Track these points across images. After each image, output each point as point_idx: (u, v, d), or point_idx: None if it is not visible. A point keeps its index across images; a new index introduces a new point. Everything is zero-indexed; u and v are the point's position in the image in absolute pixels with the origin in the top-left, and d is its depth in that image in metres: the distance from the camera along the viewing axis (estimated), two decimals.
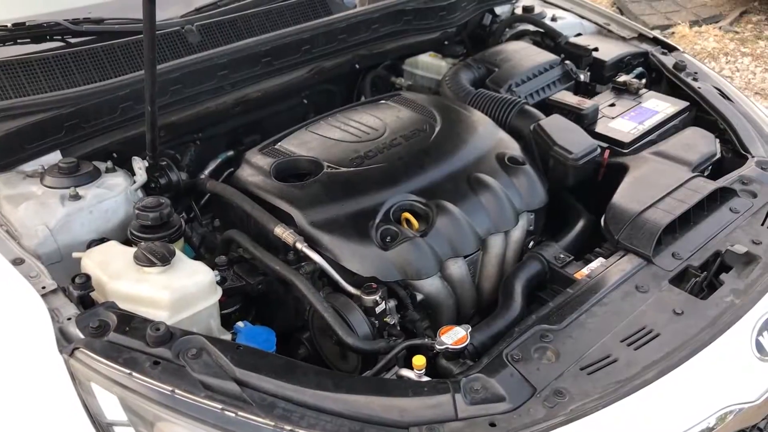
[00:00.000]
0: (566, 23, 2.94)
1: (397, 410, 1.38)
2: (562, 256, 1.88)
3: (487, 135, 2.13)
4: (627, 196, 1.96)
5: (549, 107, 2.41)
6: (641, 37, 2.86)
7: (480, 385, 1.44)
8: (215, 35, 2.32)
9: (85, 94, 1.98)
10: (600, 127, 2.34)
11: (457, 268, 1.86)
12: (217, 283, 1.72)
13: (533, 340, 1.55)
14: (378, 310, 1.69)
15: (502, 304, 1.76)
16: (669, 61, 2.69)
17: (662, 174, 2.04)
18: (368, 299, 1.68)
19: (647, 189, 1.97)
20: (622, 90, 2.55)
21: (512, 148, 2.12)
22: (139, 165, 1.95)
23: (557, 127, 2.15)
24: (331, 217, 1.81)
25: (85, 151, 2.01)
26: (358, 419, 1.37)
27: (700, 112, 2.48)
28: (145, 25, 1.66)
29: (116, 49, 2.13)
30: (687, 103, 2.46)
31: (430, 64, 2.75)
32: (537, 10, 2.96)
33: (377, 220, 1.81)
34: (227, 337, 1.65)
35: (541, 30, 2.80)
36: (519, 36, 2.87)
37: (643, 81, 2.57)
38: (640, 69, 2.68)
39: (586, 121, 2.33)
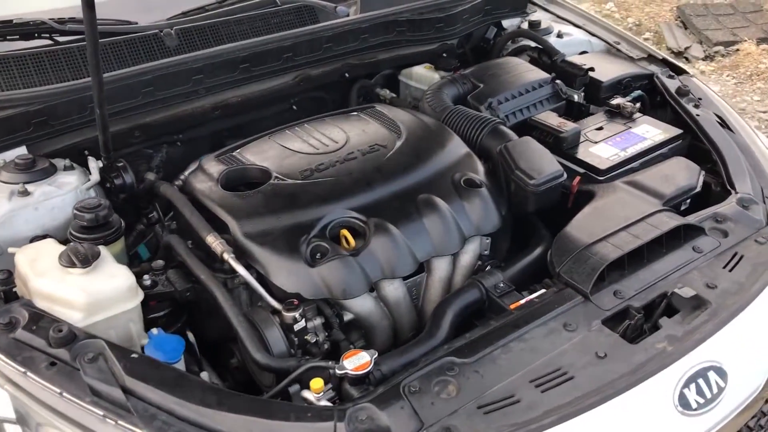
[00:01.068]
0: (572, 40, 2.84)
1: None
2: (502, 285, 1.81)
3: (447, 154, 2.08)
4: (579, 226, 1.87)
5: (530, 127, 2.33)
6: (651, 58, 2.73)
7: (366, 415, 1.40)
8: (194, 40, 2.35)
9: (55, 93, 2.04)
10: (580, 151, 2.24)
11: (393, 289, 1.82)
12: (147, 287, 1.74)
13: (437, 371, 1.50)
14: (297, 327, 1.68)
15: (427, 331, 1.71)
16: (673, 84, 2.55)
17: (625, 205, 1.94)
18: (287, 316, 1.67)
19: (604, 221, 1.88)
20: (615, 113, 2.43)
21: (474, 169, 2.05)
22: (93, 165, 1.99)
23: (524, 150, 2.08)
24: (266, 229, 1.81)
25: (55, 147, 2.07)
26: None
27: (696, 141, 2.34)
28: (87, 30, 1.70)
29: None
30: (680, 131, 2.33)
31: (423, 75, 2.70)
32: (544, 25, 2.87)
33: (311, 235, 1.79)
34: (146, 341, 1.67)
35: (539, 46, 2.71)
36: (518, 52, 2.79)
37: (638, 105, 2.45)
38: (638, 92, 2.55)
39: (565, 144, 2.24)
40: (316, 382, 1.50)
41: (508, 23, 2.97)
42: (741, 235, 1.89)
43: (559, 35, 2.84)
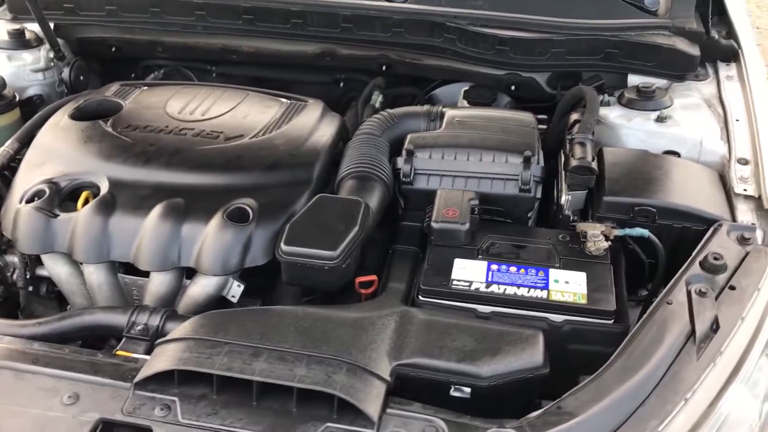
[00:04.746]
0: (673, 132, 1.91)
1: None
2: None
3: (278, 176, 1.76)
4: None
5: None
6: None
7: None
8: None
9: None
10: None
11: (89, 272, 1.68)
12: None
13: None
14: None
15: None
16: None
17: None
18: None
19: None
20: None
21: (285, 204, 1.69)
22: (44, 53, 2.24)
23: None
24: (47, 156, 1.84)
25: (85, 35, 2.41)
26: None
27: None
28: None
29: None
30: None
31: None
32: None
33: (53, 180, 1.75)
34: None
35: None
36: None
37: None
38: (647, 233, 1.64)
39: None
40: None
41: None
42: None
43: (661, 119, 1.93)
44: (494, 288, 1.52)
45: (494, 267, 1.57)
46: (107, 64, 2.56)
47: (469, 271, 1.56)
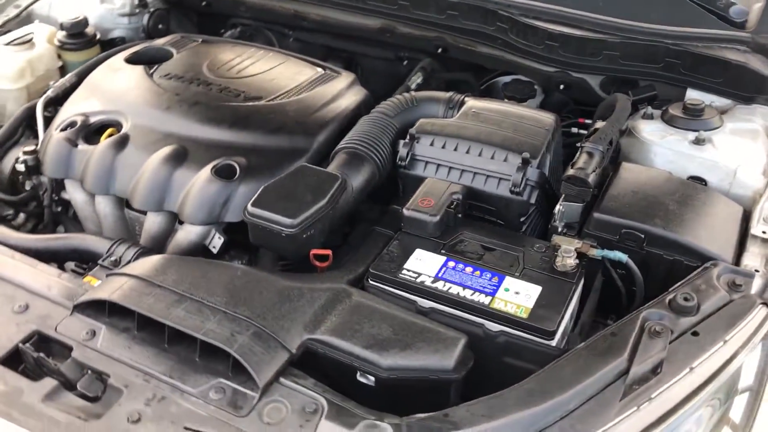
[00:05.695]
0: (707, 159, 1.73)
1: None
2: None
3: (285, 141, 1.82)
4: None
5: None
6: None
7: None
8: None
9: None
10: None
11: (98, 201, 1.84)
12: None
13: None
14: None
15: None
16: None
17: None
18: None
19: None
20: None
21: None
22: None
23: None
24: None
25: None
26: None
27: None
28: None
29: None
30: None
31: None
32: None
33: (87, 113, 1.91)
34: None
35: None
36: None
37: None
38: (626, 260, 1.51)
39: None
40: None
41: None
42: None
43: (699, 141, 1.74)
44: (439, 284, 1.48)
45: (451, 264, 1.53)
46: (202, 17, 2.72)
47: (424, 264, 1.53)
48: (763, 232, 1.54)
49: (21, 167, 1.92)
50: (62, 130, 1.88)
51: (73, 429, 1.23)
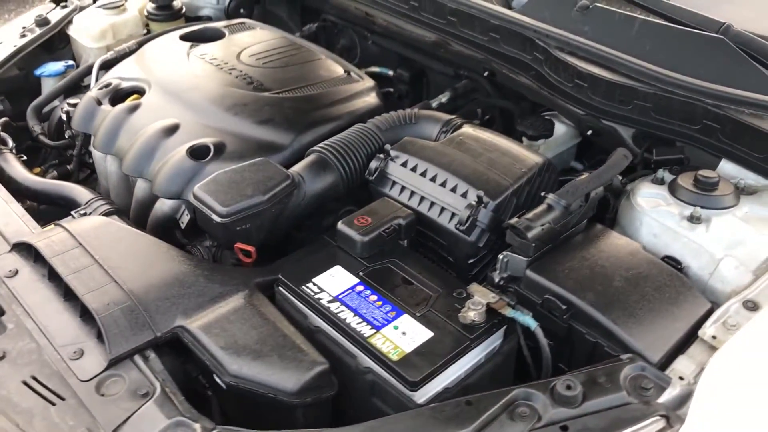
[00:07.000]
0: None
1: None
2: None
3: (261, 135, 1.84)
4: None
5: None
6: None
7: None
8: None
9: None
10: None
11: (105, 160, 1.98)
12: None
13: None
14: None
15: None
16: None
17: None
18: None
19: None
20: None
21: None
22: None
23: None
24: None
25: None
26: None
27: None
28: None
29: None
30: None
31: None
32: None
33: (117, 77, 2.07)
34: None
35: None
36: None
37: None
38: None
39: None
40: None
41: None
42: None
43: (693, 219, 1.49)
44: (333, 306, 1.43)
45: (359, 288, 1.47)
46: (294, 8, 2.81)
47: (334, 281, 1.49)
48: (713, 337, 1.30)
49: (63, 116, 2.12)
50: (99, 89, 2.05)
51: None
